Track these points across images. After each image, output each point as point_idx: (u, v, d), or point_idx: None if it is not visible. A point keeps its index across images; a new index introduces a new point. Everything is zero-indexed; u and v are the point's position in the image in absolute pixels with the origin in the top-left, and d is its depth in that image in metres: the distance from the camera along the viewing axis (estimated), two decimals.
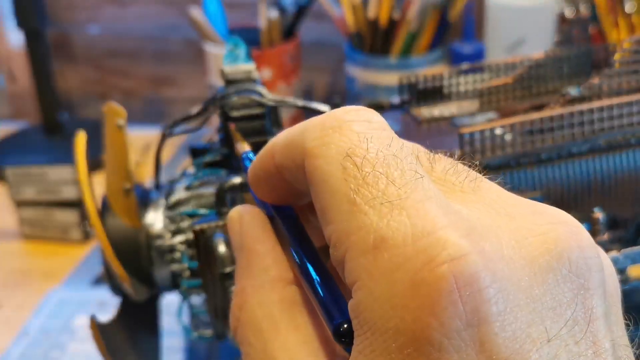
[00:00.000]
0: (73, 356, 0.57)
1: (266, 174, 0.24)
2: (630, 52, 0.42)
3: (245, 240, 0.25)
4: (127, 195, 0.43)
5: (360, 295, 0.19)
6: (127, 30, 1.03)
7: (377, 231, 0.18)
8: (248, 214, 0.25)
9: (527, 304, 0.18)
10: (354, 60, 0.87)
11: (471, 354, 0.17)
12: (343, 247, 0.19)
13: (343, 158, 0.20)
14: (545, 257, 0.19)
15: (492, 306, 0.17)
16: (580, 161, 0.40)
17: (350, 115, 0.21)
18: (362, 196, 0.19)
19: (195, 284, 0.42)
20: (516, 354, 0.17)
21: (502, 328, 0.17)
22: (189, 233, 0.41)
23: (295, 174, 0.22)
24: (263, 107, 0.42)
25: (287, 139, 0.22)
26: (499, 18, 0.83)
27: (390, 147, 0.20)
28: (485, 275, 0.18)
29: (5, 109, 1.08)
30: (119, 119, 0.43)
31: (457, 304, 0.17)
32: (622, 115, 0.40)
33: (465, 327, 0.17)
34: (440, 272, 0.17)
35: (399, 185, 0.19)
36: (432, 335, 0.17)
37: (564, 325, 0.18)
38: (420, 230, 0.18)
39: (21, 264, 0.72)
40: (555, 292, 0.18)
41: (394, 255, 0.18)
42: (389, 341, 0.18)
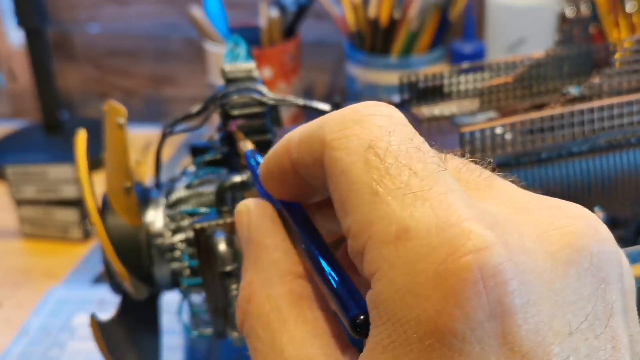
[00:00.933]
0: (73, 355, 0.57)
1: (280, 169, 0.24)
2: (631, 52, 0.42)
3: (254, 233, 0.24)
4: (127, 193, 0.43)
5: (381, 286, 0.18)
6: (127, 30, 1.03)
7: (400, 221, 0.18)
8: (256, 207, 0.25)
9: (549, 297, 0.18)
10: (354, 59, 0.87)
11: (493, 345, 0.17)
12: (363, 237, 0.19)
13: (365, 150, 0.20)
14: (567, 251, 0.19)
15: (515, 298, 0.17)
16: (580, 160, 0.40)
17: (372, 110, 0.21)
18: (385, 187, 0.19)
19: (196, 283, 0.42)
20: (538, 347, 0.17)
21: (525, 320, 0.17)
22: (189, 231, 0.41)
23: (312, 169, 0.22)
24: (263, 106, 0.42)
25: (305, 133, 0.22)
26: (499, 17, 0.83)
27: (412, 141, 0.20)
28: (509, 267, 0.17)
29: (6, 107, 1.08)
30: (120, 117, 0.43)
31: (481, 295, 0.17)
32: (622, 114, 0.40)
33: (488, 318, 0.17)
34: (465, 263, 0.17)
35: (422, 177, 0.19)
36: (455, 326, 0.17)
37: (585, 320, 0.18)
38: (444, 222, 0.18)
39: (21, 263, 0.72)
40: (576, 286, 0.18)
41: (417, 245, 0.18)
42: (410, 332, 0.18)
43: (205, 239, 0.38)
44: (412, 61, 0.85)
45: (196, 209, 0.42)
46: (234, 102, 0.42)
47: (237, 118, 0.42)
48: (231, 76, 0.44)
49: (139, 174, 0.50)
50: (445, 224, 0.18)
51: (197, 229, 0.39)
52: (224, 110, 0.42)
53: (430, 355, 0.17)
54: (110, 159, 0.44)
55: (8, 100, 1.08)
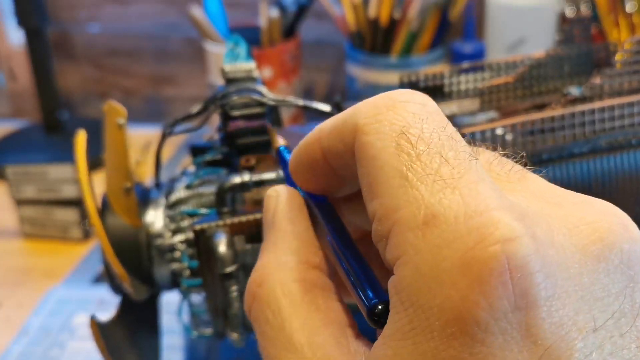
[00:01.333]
0: (73, 355, 0.57)
1: (310, 158, 0.24)
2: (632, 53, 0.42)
3: (278, 218, 0.24)
4: (127, 194, 0.43)
5: (405, 271, 0.18)
6: (127, 29, 1.03)
7: (429, 207, 0.18)
8: (286, 193, 0.25)
9: (575, 292, 0.18)
10: (354, 59, 0.87)
11: (516, 337, 0.17)
12: (389, 221, 0.19)
13: (397, 135, 0.20)
14: (597, 246, 0.19)
15: (541, 291, 0.17)
16: (581, 162, 0.40)
17: (405, 97, 0.21)
18: (415, 172, 0.19)
19: (195, 283, 0.41)
20: (561, 341, 0.17)
21: (550, 314, 0.17)
22: (189, 232, 0.41)
23: (343, 156, 0.22)
24: (263, 106, 0.42)
25: (337, 120, 0.22)
26: (499, 17, 0.83)
27: (445, 129, 0.20)
28: (537, 259, 0.17)
29: (6, 107, 1.08)
30: (120, 117, 0.43)
31: (507, 285, 0.17)
32: (623, 115, 0.40)
33: (512, 309, 0.17)
34: (492, 252, 0.17)
35: (453, 165, 0.19)
36: (479, 314, 0.17)
37: (611, 317, 0.18)
38: (473, 210, 0.18)
39: (21, 263, 0.72)
40: (604, 282, 0.18)
41: (444, 232, 0.18)
42: (432, 319, 0.17)
43: (205, 240, 0.38)
44: (412, 61, 0.85)
45: (196, 210, 0.42)
46: (234, 102, 0.42)
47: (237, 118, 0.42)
48: (231, 76, 0.44)
49: (139, 174, 0.50)
50: (474, 212, 0.18)
51: (197, 230, 0.39)
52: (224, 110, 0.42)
53: (452, 343, 0.17)
54: (110, 159, 0.44)
55: (8, 100, 1.08)
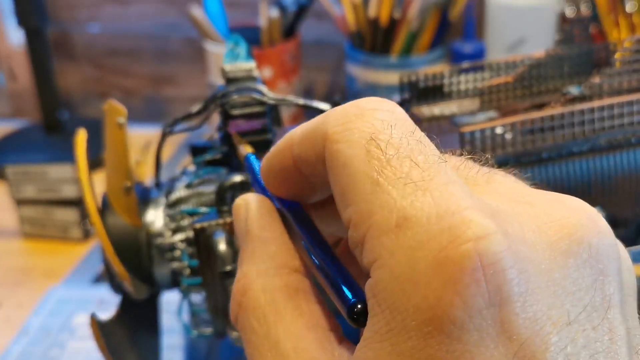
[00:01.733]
0: (73, 354, 0.57)
1: (281, 165, 0.24)
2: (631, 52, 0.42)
3: (251, 226, 0.24)
4: (127, 193, 0.43)
5: (380, 274, 0.18)
6: (127, 29, 1.03)
7: (401, 210, 0.18)
8: (255, 201, 0.25)
9: (547, 287, 0.18)
10: (354, 59, 0.87)
11: (492, 333, 0.17)
12: (364, 227, 0.19)
13: (367, 142, 0.20)
14: (566, 242, 0.19)
15: (514, 287, 0.17)
16: (580, 160, 0.40)
17: (373, 104, 0.21)
18: (386, 177, 0.19)
19: (196, 282, 0.42)
20: (536, 336, 0.17)
21: (523, 309, 0.17)
22: (190, 231, 0.41)
23: (314, 164, 0.22)
24: (263, 106, 0.42)
25: (307, 128, 0.22)
26: (499, 17, 0.83)
27: (413, 134, 0.20)
28: (509, 256, 0.18)
29: (6, 107, 1.08)
30: (120, 117, 0.43)
31: (480, 282, 0.17)
32: (622, 114, 0.40)
33: (487, 306, 0.17)
34: (465, 250, 0.17)
35: (423, 168, 0.19)
36: (454, 313, 0.17)
37: (583, 310, 0.18)
38: (445, 210, 0.18)
39: (21, 263, 0.72)
40: (575, 277, 0.19)
41: (417, 233, 0.18)
42: (408, 320, 0.18)
43: (205, 238, 0.38)
44: (412, 61, 0.85)
45: (196, 209, 0.42)
46: (234, 101, 0.42)
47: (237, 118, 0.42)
48: (231, 76, 0.44)
49: (139, 174, 0.50)
50: (445, 213, 0.18)
51: (197, 228, 0.39)
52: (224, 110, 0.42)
53: (429, 342, 0.17)
54: (110, 158, 0.44)
55: (8, 100, 1.08)
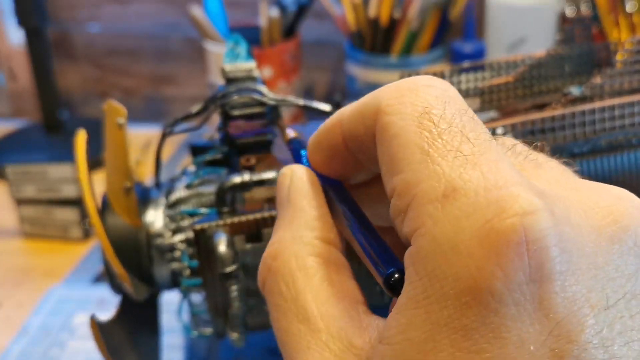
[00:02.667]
0: (73, 354, 0.57)
1: (329, 142, 0.24)
2: (632, 52, 0.42)
3: (293, 195, 0.25)
4: (127, 193, 0.43)
5: (422, 242, 0.18)
6: (127, 29, 1.03)
7: (449, 181, 0.18)
8: (301, 172, 0.25)
9: (589, 270, 0.18)
10: (354, 59, 0.87)
11: (529, 309, 0.17)
12: (409, 195, 0.19)
13: (419, 115, 0.20)
14: (612, 228, 0.19)
15: (556, 265, 0.17)
16: (581, 161, 0.40)
17: (428, 81, 0.21)
18: (436, 149, 0.19)
19: (195, 283, 0.41)
20: (573, 316, 0.17)
21: (563, 288, 0.17)
22: (189, 232, 0.41)
23: (363, 138, 0.22)
24: (263, 106, 0.42)
25: (359, 103, 0.22)
26: (499, 17, 0.83)
27: (467, 112, 0.20)
28: (554, 234, 0.18)
29: (6, 107, 1.08)
30: (120, 117, 0.43)
31: (523, 257, 0.17)
32: (623, 115, 0.39)
33: (527, 281, 0.17)
34: (510, 223, 0.17)
35: (474, 144, 0.19)
36: (494, 284, 0.17)
37: (622, 297, 0.18)
38: (493, 184, 0.18)
39: (21, 262, 0.72)
40: (618, 263, 0.19)
41: (463, 204, 0.18)
42: (447, 288, 0.18)
43: (205, 240, 0.38)
44: (412, 61, 0.85)
45: (196, 210, 0.42)
46: (234, 102, 0.42)
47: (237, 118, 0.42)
48: (231, 76, 0.43)
49: (139, 174, 0.50)
50: (493, 187, 0.18)
51: (197, 230, 0.38)
52: (224, 110, 0.42)
53: (465, 312, 0.17)
54: (110, 158, 0.44)
55: (8, 100, 1.08)
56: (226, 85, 0.43)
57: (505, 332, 0.17)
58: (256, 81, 0.44)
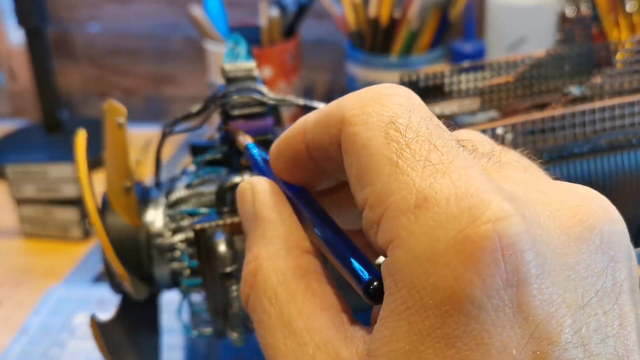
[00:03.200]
0: (73, 354, 0.57)
1: (292, 150, 0.24)
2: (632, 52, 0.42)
3: (260, 209, 0.24)
4: (127, 193, 0.43)
5: (398, 253, 0.19)
6: (127, 29, 1.03)
7: (420, 191, 0.19)
8: (261, 184, 0.25)
9: (562, 271, 0.18)
10: (354, 58, 0.87)
11: (508, 313, 0.17)
12: (381, 207, 0.19)
13: (385, 125, 0.20)
14: (579, 228, 0.19)
15: (532, 268, 0.18)
16: (581, 161, 0.40)
17: (391, 90, 0.21)
18: (405, 159, 0.19)
19: (195, 283, 0.41)
20: (551, 317, 0.17)
21: (540, 290, 0.18)
22: (189, 231, 0.41)
23: (327, 148, 0.22)
24: (264, 106, 0.42)
25: (322, 112, 0.22)
26: (499, 17, 0.83)
27: (432, 119, 0.20)
28: (527, 238, 0.18)
29: (6, 107, 1.08)
30: (120, 117, 0.43)
31: (499, 262, 0.17)
32: (623, 115, 0.39)
33: (505, 286, 0.17)
34: (484, 230, 0.17)
35: (442, 152, 0.19)
36: (473, 292, 0.17)
37: (595, 295, 0.18)
38: (464, 192, 0.18)
39: (21, 262, 0.72)
40: (588, 262, 0.19)
41: (436, 214, 0.18)
42: (426, 298, 0.18)
43: (205, 239, 0.38)
44: (412, 60, 0.85)
45: (196, 209, 0.42)
46: (234, 102, 0.42)
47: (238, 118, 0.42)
48: (231, 75, 0.43)
49: (139, 174, 0.50)
50: (464, 194, 0.18)
51: (197, 229, 0.38)
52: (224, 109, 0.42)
53: (446, 321, 0.17)
54: (110, 158, 0.44)
55: (8, 100, 1.08)
56: (226, 85, 0.43)
57: (487, 338, 0.17)
58: (256, 81, 0.44)
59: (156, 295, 0.47)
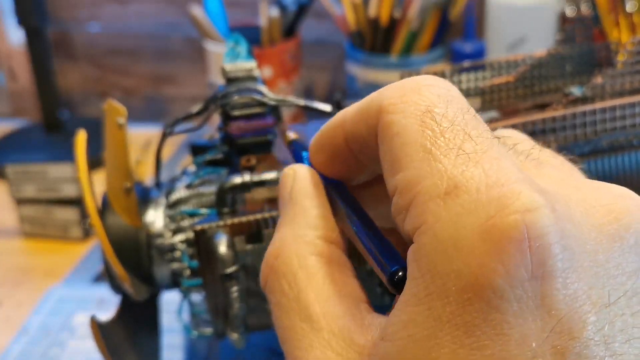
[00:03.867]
0: (73, 354, 0.57)
1: (331, 142, 0.24)
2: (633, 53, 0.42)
3: (296, 194, 0.25)
4: (127, 193, 0.43)
5: (424, 239, 0.18)
6: (127, 29, 1.02)
7: (451, 178, 0.18)
8: (303, 171, 0.25)
9: (590, 267, 0.18)
10: (354, 58, 0.87)
11: (531, 305, 0.17)
12: (411, 192, 0.19)
13: (422, 113, 0.20)
14: (613, 226, 0.19)
15: (558, 262, 0.17)
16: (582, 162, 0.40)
17: (430, 81, 0.21)
18: (438, 147, 0.19)
19: (196, 283, 0.41)
20: (574, 313, 0.17)
21: (565, 285, 0.17)
22: (190, 232, 0.41)
23: (366, 138, 0.22)
24: (264, 106, 0.42)
25: (362, 103, 0.23)
26: (499, 17, 0.83)
27: (469, 111, 0.20)
28: (556, 231, 0.18)
29: (6, 106, 1.08)
30: (120, 117, 0.43)
31: (525, 253, 0.17)
32: (624, 116, 0.39)
33: (529, 278, 0.17)
34: (512, 220, 0.17)
35: (476, 142, 0.19)
36: (496, 281, 0.17)
37: (623, 295, 0.18)
38: (495, 181, 0.18)
39: (21, 262, 0.72)
40: (619, 261, 0.19)
41: (465, 201, 0.18)
42: (449, 284, 0.18)
43: (205, 240, 0.38)
44: (412, 60, 0.85)
45: (196, 210, 0.42)
46: (234, 102, 0.42)
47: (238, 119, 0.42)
48: (232, 75, 0.43)
49: (139, 174, 0.50)
50: (495, 184, 0.18)
51: (198, 230, 0.38)
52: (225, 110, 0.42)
53: (467, 309, 0.17)
54: (110, 158, 0.44)
55: (8, 100, 1.08)
56: (226, 85, 0.43)
57: (507, 328, 0.17)
58: (256, 81, 0.44)
59: (156, 295, 0.47)
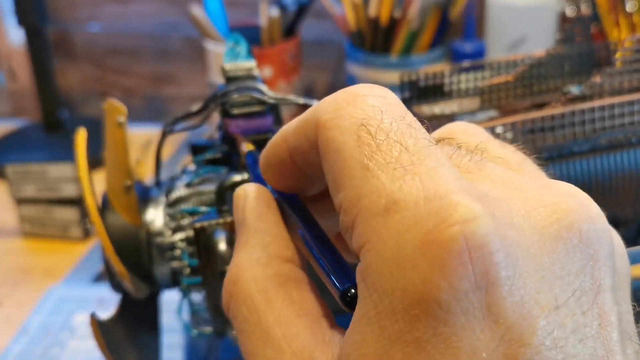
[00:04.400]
0: (73, 353, 0.57)
1: (278, 159, 0.24)
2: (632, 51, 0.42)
3: (248, 216, 0.25)
4: (127, 192, 0.43)
5: (369, 258, 0.18)
6: (127, 28, 1.03)
7: (390, 194, 0.18)
8: (254, 191, 0.25)
9: (536, 271, 0.18)
10: (354, 58, 0.87)
11: (478, 316, 0.17)
12: (354, 211, 0.19)
13: (357, 128, 0.20)
14: (555, 227, 0.19)
15: (501, 270, 0.17)
16: (581, 160, 0.40)
17: (365, 90, 0.21)
18: (376, 162, 0.19)
19: (196, 282, 0.41)
20: (523, 319, 0.17)
21: (510, 292, 0.17)
22: (190, 230, 0.41)
23: (308, 154, 0.22)
24: (263, 105, 0.42)
25: (301, 118, 0.23)
26: (499, 17, 0.83)
27: (404, 118, 0.20)
28: (496, 239, 0.17)
29: (6, 106, 1.08)
30: (120, 116, 0.43)
31: (466, 265, 0.17)
32: (623, 114, 0.40)
33: (473, 289, 0.17)
34: (451, 233, 0.17)
35: (413, 152, 0.19)
36: (440, 296, 0.17)
37: (572, 295, 0.18)
38: (433, 194, 0.18)
39: (21, 262, 0.72)
40: (564, 262, 0.18)
41: (405, 217, 0.18)
42: (396, 302, 0.18)
43: (205, 238, 0.38)
44: (412, 60, 0.85)
45: (196, 208, 0.42)
46: (234, 101, 0.42)
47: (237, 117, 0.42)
48: (231, 75, 0.44)
49: (139, 173, 0.50)
50: (433, 196, 0.18)
51: (197, 228, 0.38)
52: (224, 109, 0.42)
53: (416, 325, 0.17)
54: (110, 157, 0.44)
55: (8, 99, 1.08)
56: (226, 84, 0.43)
57: (456, 341, 0.17)
58: (256, 80, 0.44)
59: (156, 294, 0.47)
